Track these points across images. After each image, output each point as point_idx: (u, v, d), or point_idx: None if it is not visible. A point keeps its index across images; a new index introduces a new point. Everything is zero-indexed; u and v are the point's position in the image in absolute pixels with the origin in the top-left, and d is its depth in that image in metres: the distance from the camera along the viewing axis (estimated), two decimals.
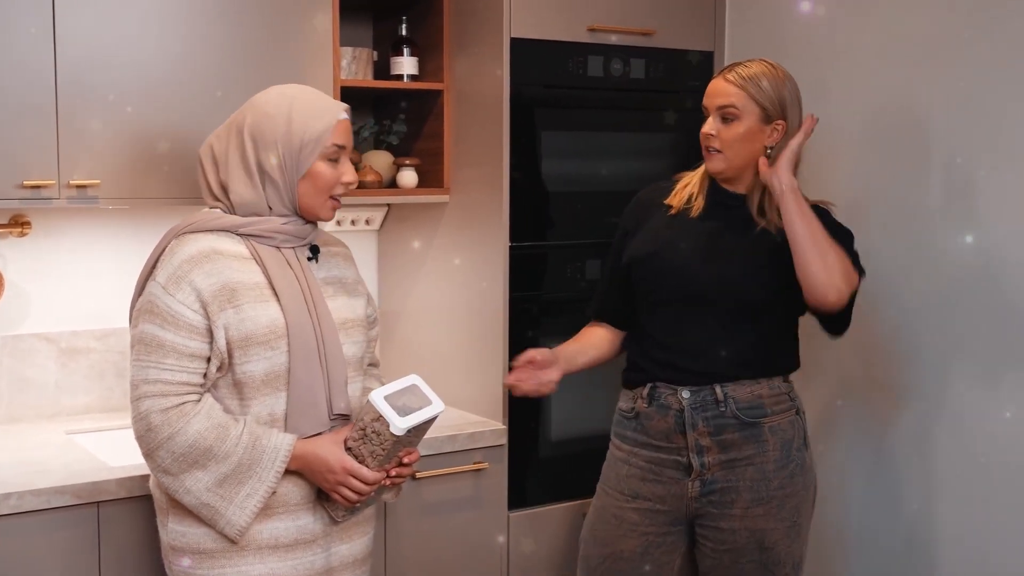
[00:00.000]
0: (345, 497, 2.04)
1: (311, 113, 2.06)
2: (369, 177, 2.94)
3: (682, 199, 2.46)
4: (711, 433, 2.37)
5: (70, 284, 2.87)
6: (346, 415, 2.10)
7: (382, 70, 3.04)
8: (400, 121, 3.09)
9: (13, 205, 2.43)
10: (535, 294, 2.90)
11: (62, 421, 2.79)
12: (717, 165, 2.38)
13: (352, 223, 3.19)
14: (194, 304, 1.99)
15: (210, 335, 2.00)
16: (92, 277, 2.89)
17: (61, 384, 2.85)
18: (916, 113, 2.73)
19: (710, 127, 2.37)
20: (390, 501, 2.26)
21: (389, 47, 3.02)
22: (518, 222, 2.83)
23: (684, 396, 2.38)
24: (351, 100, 3.00)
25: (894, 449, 2.82)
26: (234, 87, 2.56)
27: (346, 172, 2.10)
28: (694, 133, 2.43)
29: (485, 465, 2.79)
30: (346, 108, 2.11)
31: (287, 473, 2.03)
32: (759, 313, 2.38)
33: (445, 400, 2.12)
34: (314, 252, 2.15)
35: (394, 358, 3.24)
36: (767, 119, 2.34)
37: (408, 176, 3.00)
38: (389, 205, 3.24)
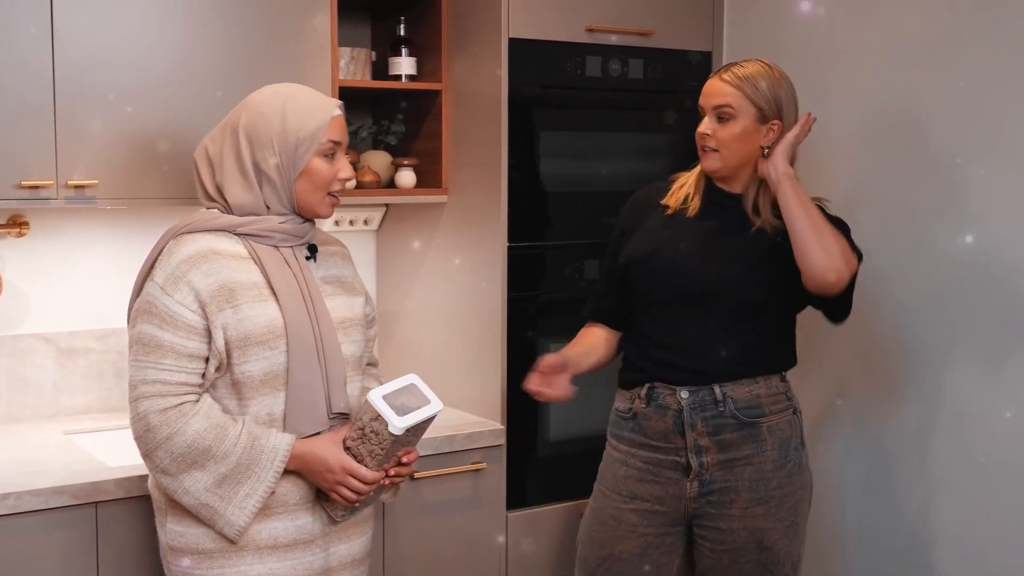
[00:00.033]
0: (344, 497, 2.04)
1: (305, 110, 2.06)
2: (367, 177, 2.94)
3: (678, 199, 2.46)
4: (710, 433, 2.37)
5: (68, 284, 2.87)
6: (345, 414, 2.10)
7: (380, 70, 3.04)
8: (398, 121, 3.09)
9: (11, 205, 2.43)
10: (533, 294, 2.90)
11: (61, 421, 2.79)
12: (713, 164, 2.38)
13: (350, 223, 3.19)
14: (192, 304, 1.99)
15: (208, 335, 2.00)
16: (90, 277, 2.88)
17: (60, 384, 2.85)
18: (915, 113, 2.74)
19: (706, 127, 2.37)
20: (388, 501, 2.26)
21: (387, 47, 3.02)
22: (516, 222, 2.83)
23: (683, 396, 2.38)
24: (349, 100, 3.00)
25: (893, 449, 2.82)
26: (232, 88, 2.56)
27: (343, 168, 2.10)
28: (692, 133, 2.43)
29: (483, 465, 2.79)
30: (340, 104, 2.12)
31: (286, 473, 2.03)
32: (757, 311, 2.38)
33: (443, 400, 2.12)
34: (312, 251, 2.15)
35: (393, 358, 3.24)
36: (763, 119, 2.34)
37: (406, 176, 3.00)
38: (387, 205, 3.24)
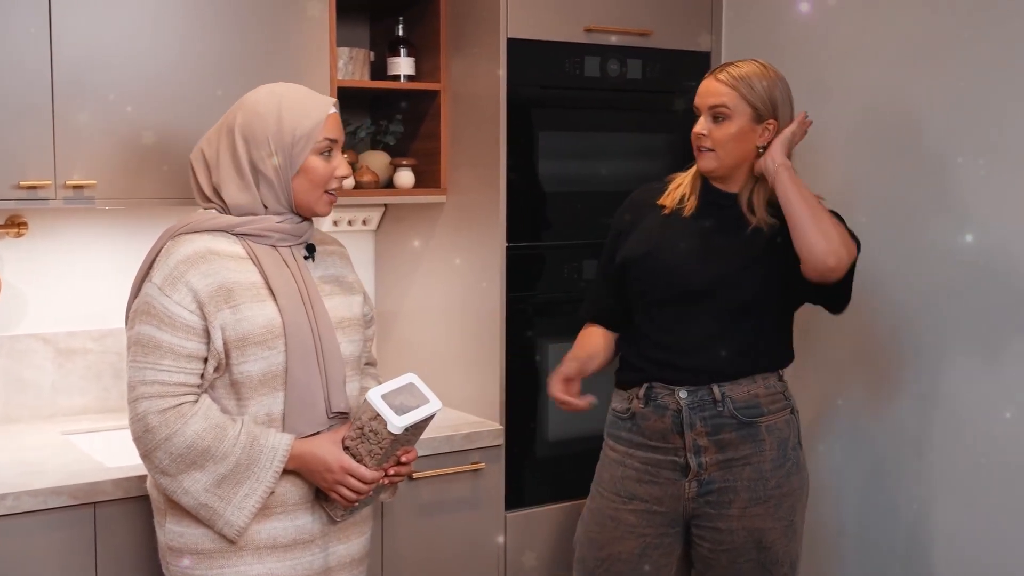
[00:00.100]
0: (343, 496, 2.04)
1: (301, 109, 2.06)
2: (366, 177, 2.94)
3: (674, 199, 2.46)
4: (709, 433, 2.37)
5: (67, 285, 2.86)
6: (344, 414, 2.09)
7: (379, 70, 3.04)
8: (397, 121, 3.09)
9: (10, 206, 2.43)
10: (532, 294, 2.90)
11: (59, 422, 2.79)
12: (709, 164, 2.38)
13: (349, 223, 3.19)
14: (190, 305, 1.98)
15: (207, 336, 1.99)
16: (89, 278, 2.88)
17: (58, 385, 2.85)
18: (914, 112, 2.73)
19: (701, 127, 2.37)
20: (387, 500, 2.26)
21: (386, 47, 3.02)
22: (515, 222, 2.83)
23: (681, 396, 2.38)
24: (348, 100, 3.01)
25: (893, 449, 2.82)
26: (230, 88, 2.56)
27: (339, 166, 2.10)
28: (691, 133, 2.43)
29: (482, 465, 2.79)
30: (335, 102, 2.12)
31: (285, 473, 2.03)
32: (755, 309, 2.38)
33: (442, 400, 2.12)
34: (310, 251, 2.15)
35: (391, 358, 3.24)
36: (759, 119, 2.34)
37: (405, 176, 3.00)
38: (386, 205, 3.24)
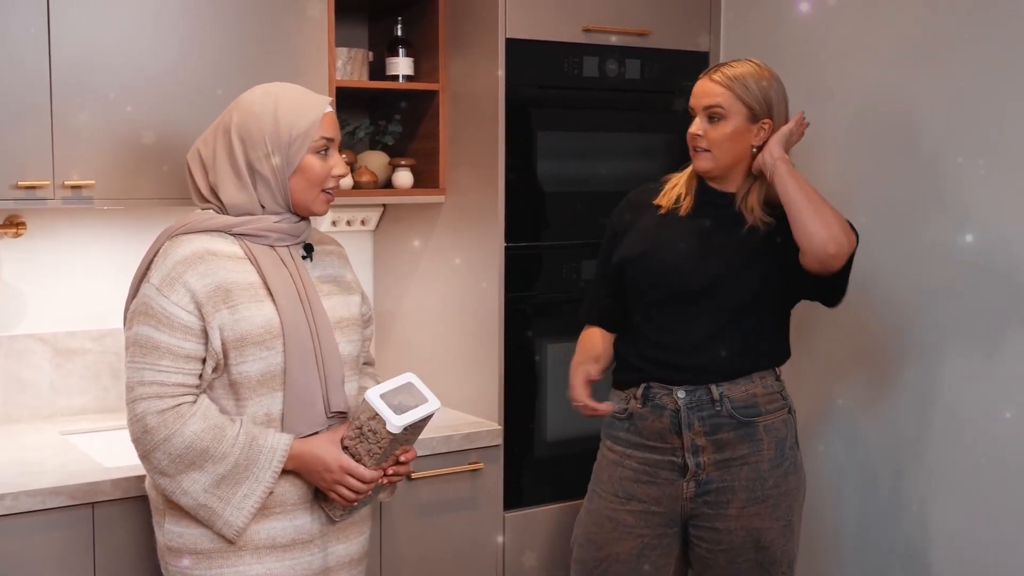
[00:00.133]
0: (342, 496, 2.04)
1: (297, 108, 2.06)
2: (365, 177, 2.94)
3: (670, 199, 2.46)
4: (707, 433, 2.37)
5: (65, 285, 2.86)
6: (343, 414, 2.10)
7: (377, 71, 3.04)
8: (396, 122, 3.09)
9: (8, 206, 2.43)
10: (531, 294, 2.90)
11: (57, 422, 2.79)
12: (705, 164, 2.38)
13: (348, 223, 3.19)
14: (188, 305, 1.98)
15: (205, 336, 1.99)
16: (87, 278, 2.88)
17: (56, 385, 2.84)
18: (913, 112, 2.73)
19: (697, 127, 2.38)
20: (385, 500, 2.26)
21: (384, 47, 3.02)
22: (514, 222, 2.83)
23: (679, 396, 2.38)
24: (347, 101, 3.01)
25: (893, 449, 2.82)
26: (229, 88, 2.55)
27: (336, 164, 2.10)
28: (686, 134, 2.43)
29: (481, 465, 2.79)
30: (331, 101, 2.12)
31: (284, 473, 2.03)
32: (752, 307, 2.38)
33: (441, 400, 2.12)
34: (308, 251, 2.15)
35: (390, 359, 3.23)
36: (754, 118, 2.35)
37: (404, 176, 3.00)
38: (385, 205, 3.24)
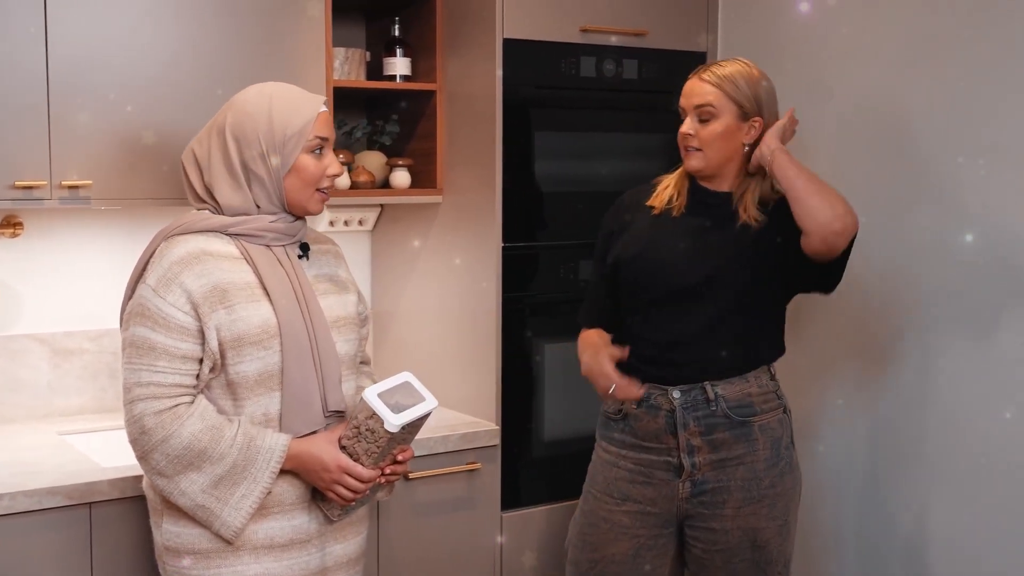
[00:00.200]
0: (340, 495, 2.04)
1: (291, 108, 2.06)
2: (362, 177, 2.94)
3: (663, 200, 2.46)
4: (702, 433, 2.37)
5: (63, 285, 2.86)
6: (340, 413, 2.10)
7: (375, 71, 3.04)
8: (393, 122, 3.09)
9: (5, 206, 2.42)
10: (528, 294, 2.90)
11: (55, 422, 2.79)
12: (696, 164, 2.39)
13: (345, 224, 3.18)
14: (185, 306, 1.98)
15: (202, 336, 1.99)
16: (85, 278, 2.88)
17: (54, 385, 2.84)
18: (913, 113, 2.73)
19: (688, 127, 2.38)
20: (383, 499, 2.26)
21: (382, 47, 3.02)
22: (511, 223, 2.83)
23: (675, 396, 2.38)
24: (344, 101, 3.01)
25: (892, 449, 2.82)
26: (226, 89, 2.55)
27: (331, 164, 2.10)
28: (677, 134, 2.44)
29: (478, 465, 2.79)
30: (325, 100, 2.12)
31: (282, 473, 2.03)
32: (748, 305, 2.38)
33: (439, 400, 2.12)
34: (304, 250, 2.15)
35: (388, 359, 3.24)
36: (744, 116, 2.35)
37: (401, 176, 3.00)
38: (382, 206, 3.24)
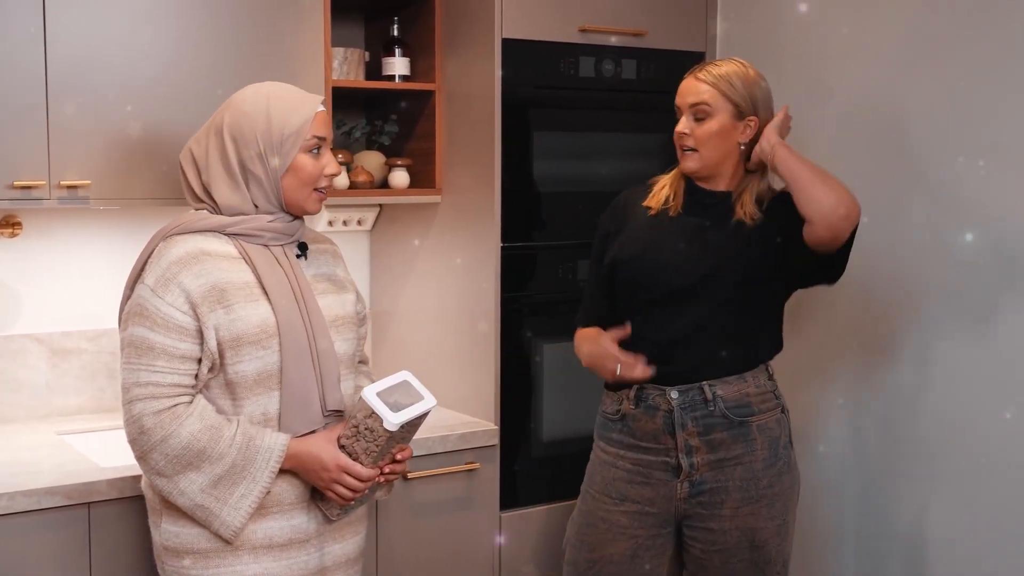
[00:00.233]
0: (340, 495, 2.04)
1: (289, 107, 2.06)
2: (361, 177, 2.94)
3: (659, 200, 2.47)
4: (700, 433, 2.37)
5: (61, 285, 2.86)
6: (339, 412, 2.10)
7: (374, 70, 3.04)
8: (392, 121, 3.09)
9: (4, 206, 2.42)
10: (527, 294, 2.90)
11: (53, 422, 2.79)
12: (692, 164, 2.39)
13: (344, 223, 3.18)
14: (183, 306, 1.98)
15: (200, 336, 1.99)
16: (83, 278, 2.88)
17: (52, 385, 2.84)
18: (913, 113, 2.72)
19: (683, 126, 2.39)
20: (382, 499, 2.26)
21: (381, 47, 3.02)
22: (510, 222, 2.83)
23: (673, 396, 2.38)
24: (343, 100, 3.01)
25: (893, 449, 2.82)
26: (225, 89, 2.55)
27: (328, 163, 2.10)
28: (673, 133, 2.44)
29: (477, 465, 2.79)
30: (323, 100, 2.12)
31: (281, 472, 2.03)
32: (747, 305, 2.38)
33: (437, 400, 2.12)
34: (302, 249, 2.15)
35: (386, 359, 3.23)
36: (739, 116, 2.36)
37: (400, 176, 3.00)
38: (381, 205, 3.24)
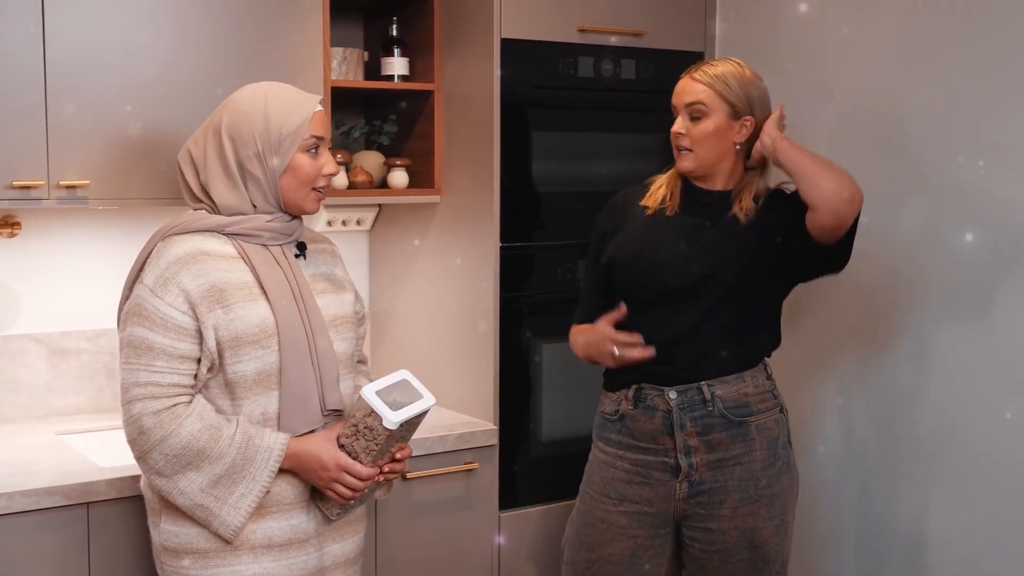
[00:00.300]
0: (339, 494, 2.04)
1: (287, 107, 2.06)
2: (360, 177, 2.94)
3: (656, 200, 2.47)
4: (699, 433, 2.37)
5: (60, 285, 2.86)
6: (339, 412, 2.10)
7: (373, 70, 3.04)
8: (391, 121, 3.09)
9: (3, 206, 2.42)
10: (526, 294, 2.90)
11: (52, 422, 2.79)
12: (688, 165, 2.39)
13: (343, 223, 3.19)
14: (182, 306, 1.98)
15: (199, 336, 1.99)
16: (82, 278, 2.88)
17: (51, 385, 2.84)
18: (912, 113, 2.72)
19: (679, 126, 2.39)
20: (381, 498, 2.27)
21: (380, 47, 3.02)
22: (509, 222, 2.83)
23: (671, 396, 2.38)
24: (342, 100, 3.01)
25: (892, 449, 2.82)
26: (225, 89, 2.54)
27: (326, 163, 2.10)
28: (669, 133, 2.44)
29: (476, 465, 2.79)
30: (320, 99, 2.12)
31: (281, 472, 2.03)
32: (745, 303, 2.38)
33: (436, 400, 2.13)
34: (301, 249, 2.15)
35: (385, 359, 3.24)
36: (735, 115, 2.36)
37: (399, 176, 3.00)
38: (380, 205, 3.24)
